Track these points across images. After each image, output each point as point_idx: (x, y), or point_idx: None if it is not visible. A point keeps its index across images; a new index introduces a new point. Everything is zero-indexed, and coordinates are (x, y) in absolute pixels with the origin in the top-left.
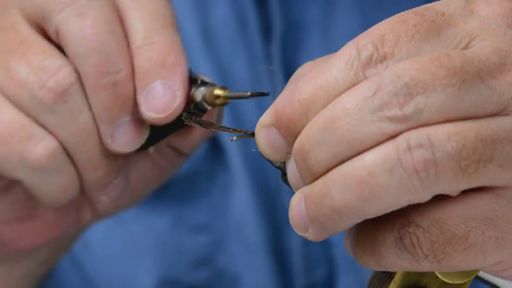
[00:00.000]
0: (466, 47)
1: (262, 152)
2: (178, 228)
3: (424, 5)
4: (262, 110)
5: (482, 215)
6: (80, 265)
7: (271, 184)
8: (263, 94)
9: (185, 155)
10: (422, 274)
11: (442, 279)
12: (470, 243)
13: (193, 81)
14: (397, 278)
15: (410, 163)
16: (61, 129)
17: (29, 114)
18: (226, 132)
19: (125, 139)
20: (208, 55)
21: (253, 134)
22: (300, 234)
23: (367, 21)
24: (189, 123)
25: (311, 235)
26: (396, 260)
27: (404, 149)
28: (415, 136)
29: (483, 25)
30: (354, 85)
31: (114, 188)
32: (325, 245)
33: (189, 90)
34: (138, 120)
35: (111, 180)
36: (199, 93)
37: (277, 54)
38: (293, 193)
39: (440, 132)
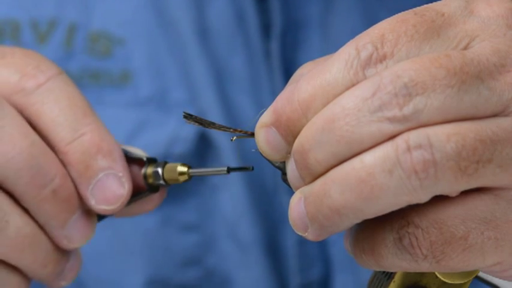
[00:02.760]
0: (466, 48)
1: (262, 152)
2: (167, 227)
3: (424, 5)
4: (261, 109)
5: (482, 216)
6: None
7: (268, 183)
8: (244, 169)
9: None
10: (422, 274)
11: (442, 279)
12: (469, 243)
13: (132, 160)
14: (396, 278)
15: (409, 163)
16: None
17: None
18: (227, 132)
19: (79, 235)
20: (204, 52)
21: (253, 134)
22: (299, 234)
23: (367, 17)
24: (189, 123)
25: (310, 235)
26: (395, 261)
27: (404, 150)
28: (414, 136)
29: (483, 25)
30: (353, 85)
31: (70, 271)
32: (322, 243)
33: (131, 170)
34: (86, 211)
35: (63, 268)
36: (156, 172)
37: (277, 51)
38: (291, 192)
39: (440, 133)
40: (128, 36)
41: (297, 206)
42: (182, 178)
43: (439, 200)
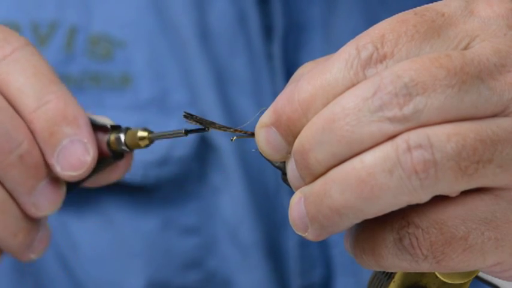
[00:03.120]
0: (466, 48)
1: (262, 152)
2: (168, 230)
3: (424, 5)
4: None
5: (482, 216)
6: (68, 266)
7: (270, 184)
8: (201, 130)
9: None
10: (422, 274)
11: (442, 279)
12: (469, 244)
13: (98, 128)
14: (397, 278)
15: (409, 163)
16: None
17: None
18: (227, 132)
19: (47, 202)
20: (206, 54)
21: (253, 134)
22: (299, 234)
23: (369, 19)
24: (189, 123)
25: (310, 235)
26: (395, 261)
27: (404, 150)
28: (414, 136)
29: (483, 26)
30: (353, 85)
31: (40, 242)
32: (323, 245)
33: (97, 137)
34: (54, 179)
35: (34, 238)
36: (119, 138)
37: (278, 53)
38: (293, 193)
39: (440, 133)
40: (128, 38)
41: (297, 206)
42: (143, 143)
43: (439, 200)
